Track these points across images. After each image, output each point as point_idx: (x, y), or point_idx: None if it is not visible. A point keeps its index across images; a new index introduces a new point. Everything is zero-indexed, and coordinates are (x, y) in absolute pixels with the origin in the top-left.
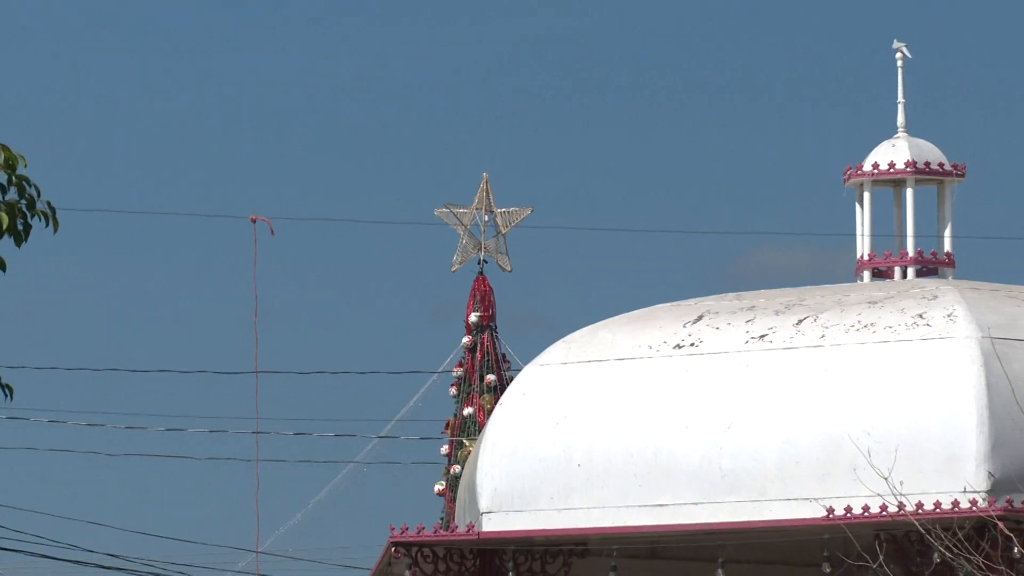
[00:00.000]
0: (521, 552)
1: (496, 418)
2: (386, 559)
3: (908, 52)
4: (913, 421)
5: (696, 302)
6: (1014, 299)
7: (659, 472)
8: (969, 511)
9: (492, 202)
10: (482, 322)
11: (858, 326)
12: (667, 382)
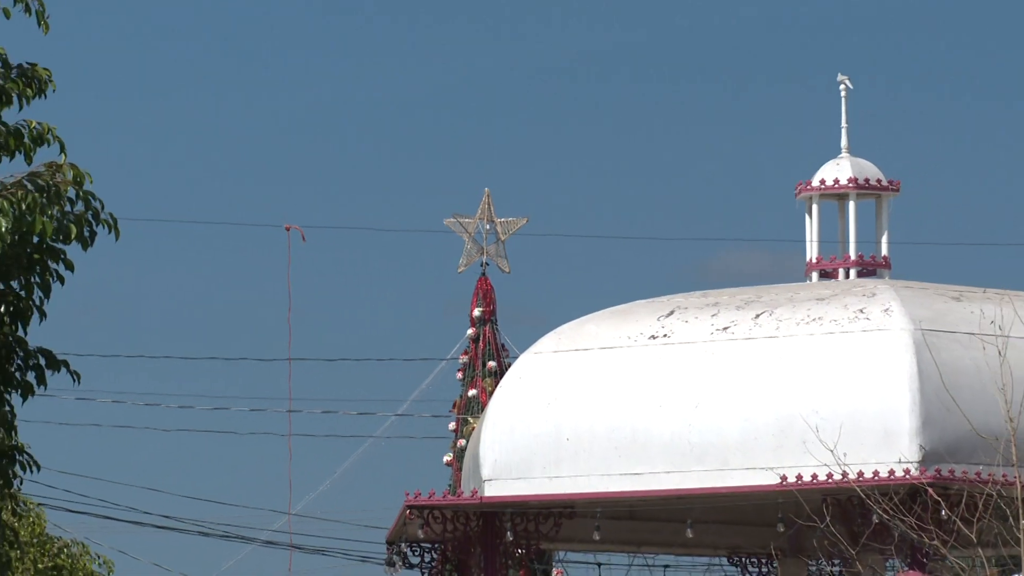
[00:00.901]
0: (517, 514)
1: (496, 399)
2: (402, 520)
3: (850, 84)
4: (855, 401)
5: (668, 299)
6: (942, 297)
7: (636, 445)
8: (903, 479)
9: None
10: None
11: (808, 320)
12: (643, 368)
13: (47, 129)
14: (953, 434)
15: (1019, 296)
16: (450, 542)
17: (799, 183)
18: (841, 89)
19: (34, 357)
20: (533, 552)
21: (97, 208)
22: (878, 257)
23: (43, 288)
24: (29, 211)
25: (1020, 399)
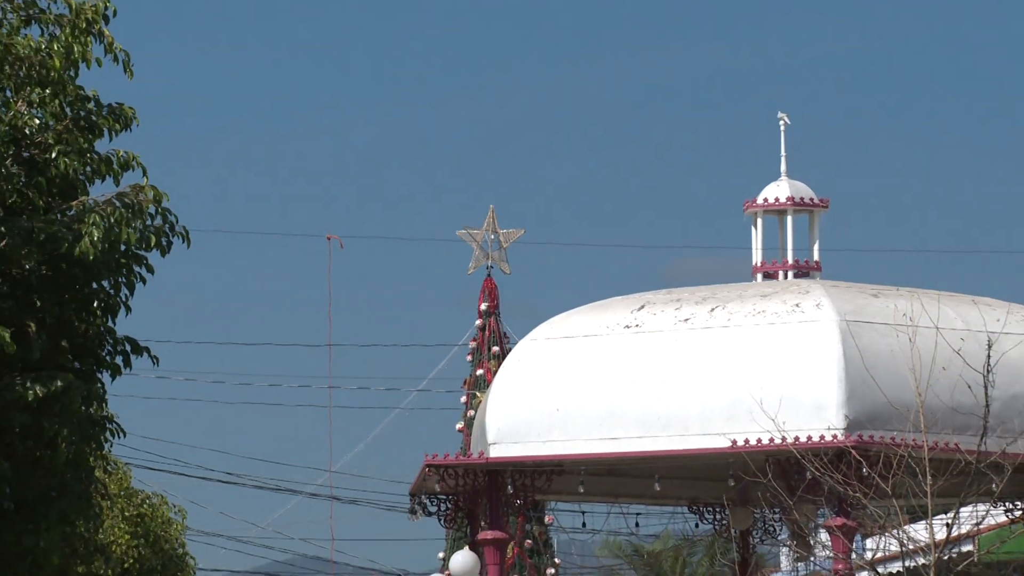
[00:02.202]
0: (516, 471)
1: (499, 378)
2: (422, 476)
3: (788, 120)
4: (792, 379)
5: (639, 296)
6: (863, 294)
7: (613, 416)
8: (831, 443)
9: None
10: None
11: (753, 312)
12: (619, 352)
13: (132, 157)
14: (872, 406)
15: (926, 293)
16: (461, 494)
17: (746, 201)
18: (780, 124)
19: (121, 344)
20: (529, 502)
21: (172, 222)
22: (811, 262)
23: (128, 287)
24: (117, 224)
25: (926, 377)
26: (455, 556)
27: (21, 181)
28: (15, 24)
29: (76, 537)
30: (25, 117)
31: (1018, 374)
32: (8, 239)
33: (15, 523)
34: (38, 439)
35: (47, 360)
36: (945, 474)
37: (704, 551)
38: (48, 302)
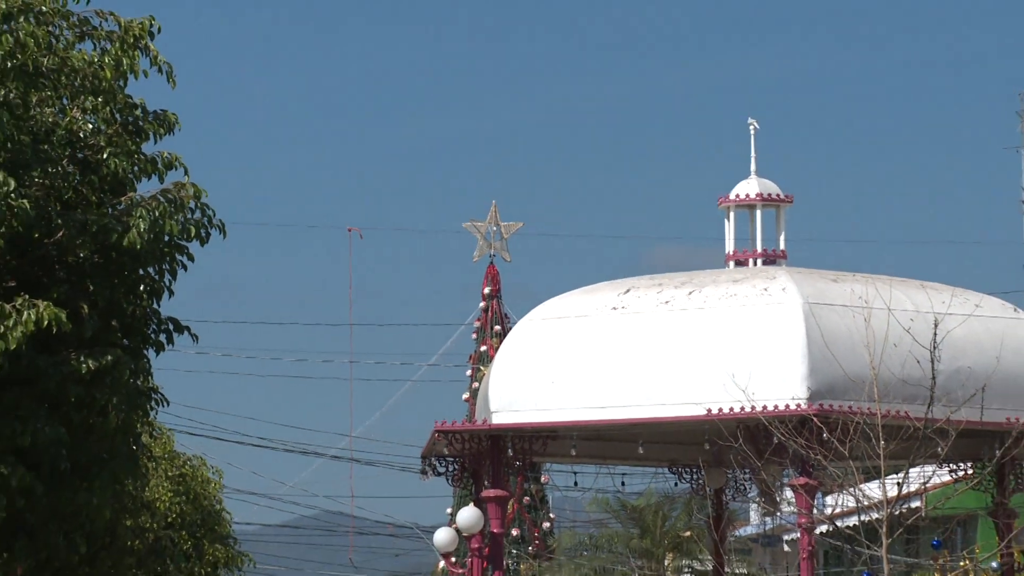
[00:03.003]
0: (516, 436)
1: (501, 354)
2: (432, 441)
3: (757, 125)
4: (761, 355)
5: (625, 280)
6: (824, 279)
7: (601, 387)
8: (796, 411)
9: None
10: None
11: (727, 295)
12: (607, 331)
13: (175, 158)
14: (831, 378)
15: (879, 279)
16: (467, 457)
17: (720, 197)
18: (751, 129)
19: (165, 324)
20: (527, 464)
21: (211, 215)
22: (777, 251)
23: (171, 273)
24: (161, 217)
25: (880, 353)
26: (461, 512)
27: (76, 179)
28: (71, 40)
29: (125, 495)
30: (79, 122)
31: (961, 350)
32: (64, 230)
33: (71, 482)
34: (91, 408)
35: (99, 338)
36: (896, 439)
37: (682, 507)
38: (100, 286)
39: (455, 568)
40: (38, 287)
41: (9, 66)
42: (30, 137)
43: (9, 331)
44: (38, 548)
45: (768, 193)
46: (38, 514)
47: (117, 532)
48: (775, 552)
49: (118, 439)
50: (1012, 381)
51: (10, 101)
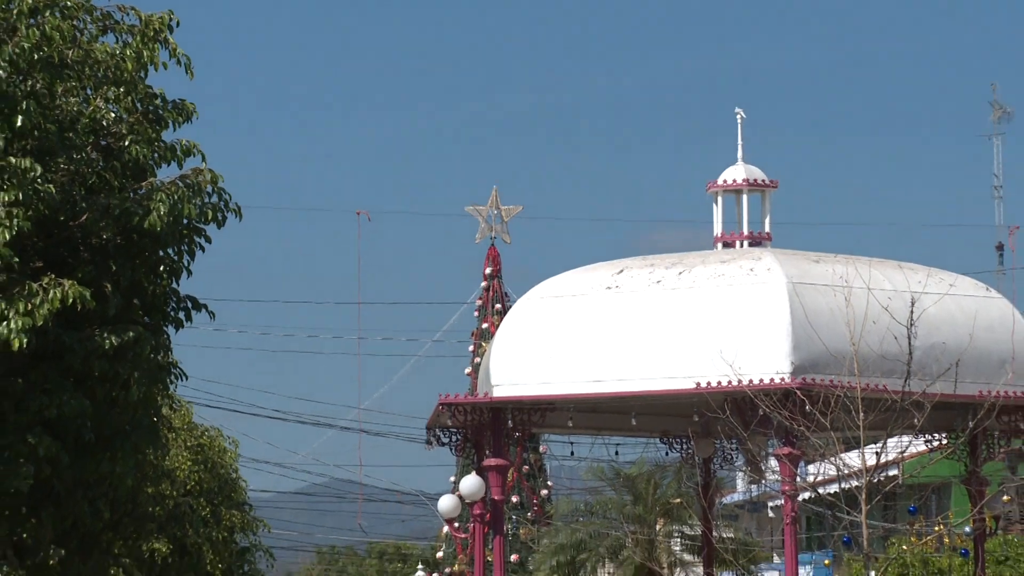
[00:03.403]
0: (516, 408)
1: (501, 330)
2: (436, 413)
3: (744, 114)
4: (747, 331)
5: (619, 261)
6: (806, 260)
7: (596, 362)
8: (780, 384)
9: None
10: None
11: (715, 275)
12: (602, 309)
13: (193, 145)
14: (814, 353)
15: (859, 259)
16: (469, 428)
17: (709, 182)
18: (738, 118)
19: (183, 302)
20: (526, 435)
21: (227, 199)
22: (763, 233)
23: (190, 254)
24: (180, 201)
25: (859, 330)
26: (464, 480)
27: (99, 165)
28: (94, 33)
29: (146, 464)
30: (102, 111)
31: (936, 327)
32: (88, 214)
33: (95, 452)
34: (114, 382)
35: (121, 315)
36: (875, 411)
37: (673, 475)
38: (122, 267)
39: (458, 533)
40: (64, 267)
41: (36, 58)
42: (56, 125)
43: (36, 308)
44: (64, 514)
45: (754, 178)
46: (64, 482)
47: (139, 499)
48: (760, 518)
49: (140, 411)
50: (984, 356)
51: (37, 91)
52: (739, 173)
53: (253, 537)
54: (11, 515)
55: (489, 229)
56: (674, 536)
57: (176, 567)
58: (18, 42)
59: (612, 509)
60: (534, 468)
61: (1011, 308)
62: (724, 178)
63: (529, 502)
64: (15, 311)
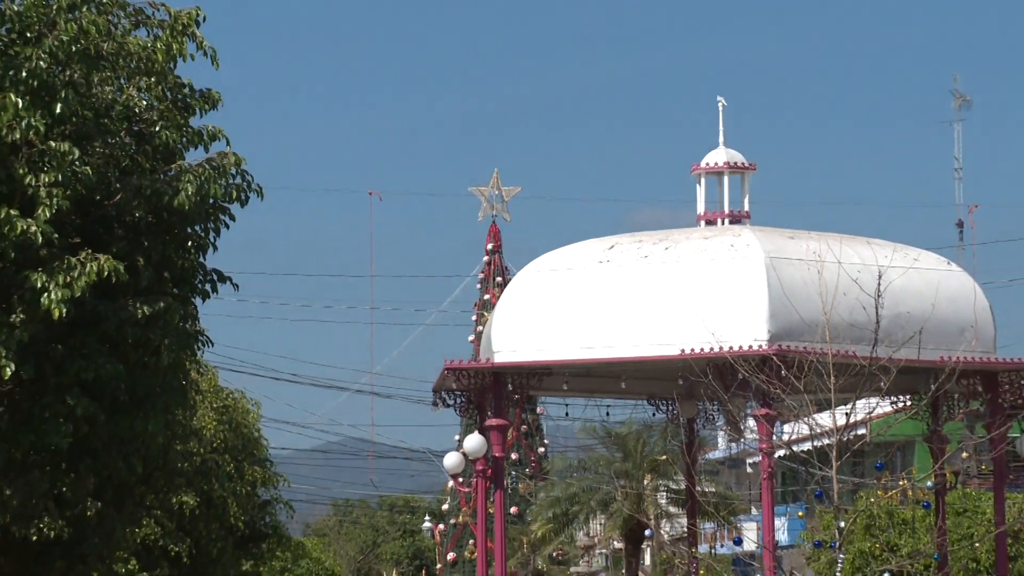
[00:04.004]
0: (515, 373)
1: (502, 301)
2: (442, 377)
3: (724, 102)
4: (728, 302)
5: (610, 238)
6: (782, 236)
7: (589, 330)
8: (758, 351)
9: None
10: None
11: (699, 251)
12: (594, 281)
13: (218, 131)
14: (789, 322)
15: (831, 236)
16: (472, 391)
17: (693, 165)
18: (719, 106)
19: (210, 275)
20: (525, 397)
21: (250, 180)
22: (742, 212)
23: (216, 231)
24: (207, 182)
25: (831, 301)
26: (468, 438)
27: (132, 149)
28: (127, 27)
29: (176, 423)
30: (135, 100)
31: (901, 298)
32: (122, 194)
33: (129, 412)
34: (146, 348)
35: (152, 287)
36: (845, 375)
37: (659, 435)
38: (153, 242)
39: (462, 487)
40: (99, 243)
41: (73, 50)
42: (92, 112)
43: (75, 281)
44: (100, 468)
45: (734, 161)
46: (100, 439)
47: (169, 455)
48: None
49: (169, 375)
50: (945, 325)
51: (75, 81)
52: (720, 157)
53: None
54: (51, 470)
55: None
56: (660, 490)
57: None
58: (57, 35)
59: (603, 465)
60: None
61: (970, 280)
62: (706, 161)
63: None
64: (55, 283)
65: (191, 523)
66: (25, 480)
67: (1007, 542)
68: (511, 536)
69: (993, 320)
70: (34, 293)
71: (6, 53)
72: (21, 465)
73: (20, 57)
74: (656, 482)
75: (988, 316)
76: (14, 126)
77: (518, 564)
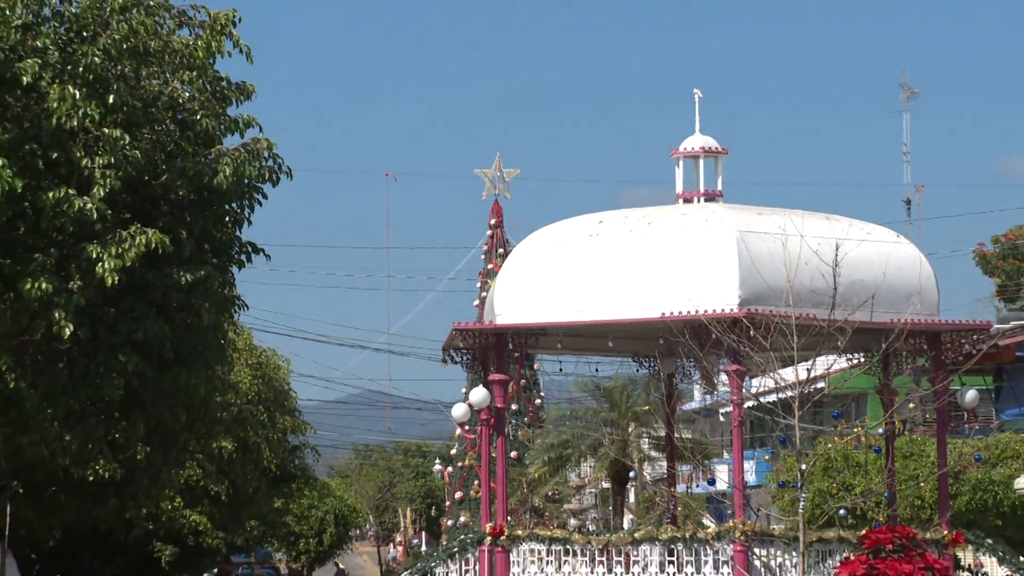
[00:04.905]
0: (515, 333)
1: (503, 270)
2: (451, 336)
3: (700, 93)
4: (703, 270)
5: (599, 214)
6: (751, 212)
7: (579, 294)
8: (730, 314)
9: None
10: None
11: (678, 225)
12: (584, 253)
13: (252, 119)
14: (757, 288)
15: (794, 212)
16: (477, 349)
17: (672, 150)
18: (695, 97)
19: (245, 246)
20: (524, 355)
21: (280, 163)
22: (716, 191)
23: (250, 207)
24: (242, 164)
25: (794, 269)
26: (473, 391)
27: (176, 135)
28: (172, 27)
29: (215, 377)
30: (178, 91)
31: (856, 267)
32: (167, 175)
33: (174, 368)
34: (188, 311)
35: (194, 257)
36: (806, 335)
37: (642, 388)
38: (195, 218)
39: (468, 434)
40: (147, 218)
41: (125, 48)
42: (141, 103)
43: (126, 252)
44: (149, 418)
45: (709, 147)
46: (149, 392)
47: (209, 406)
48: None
49: (209, 335)
50: (894, 291)
51: (125, 75)
52: (697, 142)
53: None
54: (106, 419)
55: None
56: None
57: (239, 461)
58: (110, 34)
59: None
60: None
61: (917, 252)
62: (684, 147)
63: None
64: (108, 254)
65: (229, 466)
66: (82, 428)
67: (948, 482)
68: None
69: (937, 287)
70: (90, 263)
71: (65, 50)
72: (79, 415)
73: (77, 54)
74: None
75: (932, 283)
76: (72, 115)
77: (517, 502)
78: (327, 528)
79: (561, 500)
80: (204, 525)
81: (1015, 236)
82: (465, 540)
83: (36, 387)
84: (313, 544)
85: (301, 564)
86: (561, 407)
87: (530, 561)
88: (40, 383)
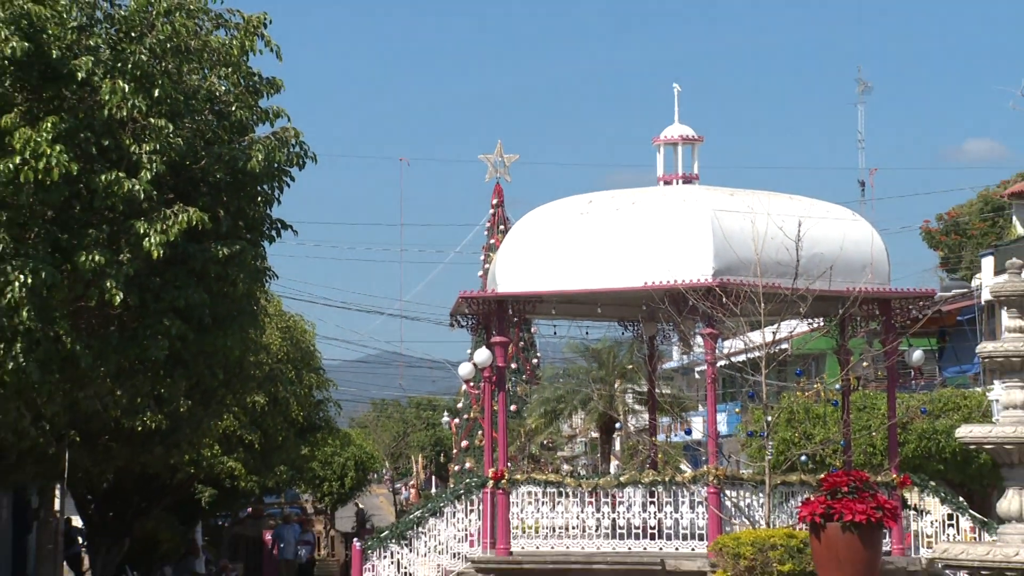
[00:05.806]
0: (514, 300)
1: (504, 245)
2: (458, 303)
3: (679, 87)
4: (681, 245)
5: (589, 194)
6: (724, 193)
7: (571, 266)
8: (705, 283)
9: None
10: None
11: (659, 205)
12: (576, 229)
13: (281, 110)
14: (729, 261)
15: (762, 193)
16: (481, 314)
17: (654, 137)
18: (675, 91)
19: (275, 223)
20: (522, 319)
21: (306, 149)
22: (693, 174)
23: (280, 188)
24: (272, 151)
25: (761, 244)
26: (477, 352)
27: (214, 124)
28: (210, 28)
29: (249, 340)
30: (216, 85)
31: (816, 242)
32: (206, 160)
33: (212, 332)
34: (225, 280)
35: (230, 233)
36: (772, 302)
37: (627, 349)
38: (231, 198)
39: (473, 390)
40: (189, 198)
41: (168, 46)
42: (183, 96)
43: (169, 228)
44: (190, 375)
45: (687, 135)
46: (190, 353)
47: (243, 365)
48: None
49: (244, 302)
50: (850, 263)
51: (169, 71)
52: (676, 131)
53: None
54: (152, 376)
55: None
56: (627, 392)
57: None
58: (156, 35)
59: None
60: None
61: (870, 228)
62: (664, 134)
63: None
64: (154, 230)
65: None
66: (132, 384)
67: (897, 432)
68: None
69: (888, 259)
70: (138, 237)
71: (115, 48)
72: (128, 372)
73: (126, 52)
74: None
75: (883, 256)
76: (122, 106)
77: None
78: (348, 473)
79: (555, 448)
80: (239, 470)
81: (956, 214)
82: (470, 483)
83: (90, 348)
84: (336, 487)
85: (325, 504)
86: (555, 366)
87: (527, 502)
88: (94, 344)
